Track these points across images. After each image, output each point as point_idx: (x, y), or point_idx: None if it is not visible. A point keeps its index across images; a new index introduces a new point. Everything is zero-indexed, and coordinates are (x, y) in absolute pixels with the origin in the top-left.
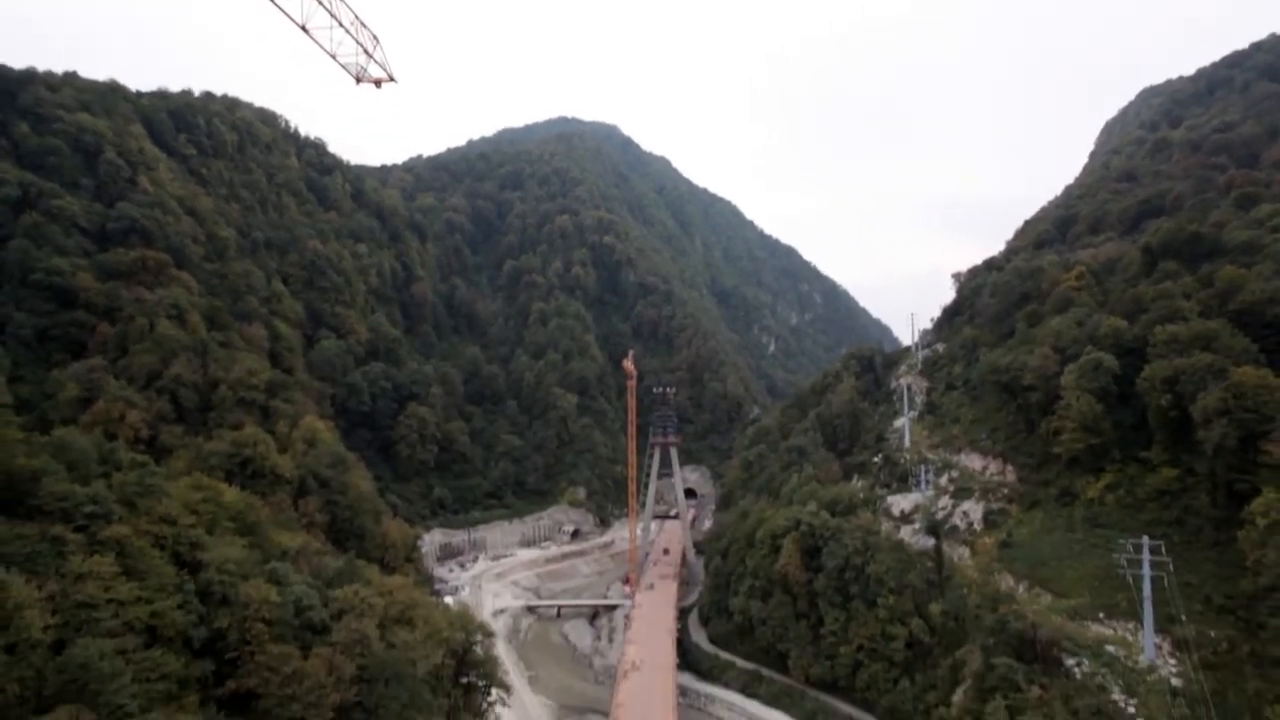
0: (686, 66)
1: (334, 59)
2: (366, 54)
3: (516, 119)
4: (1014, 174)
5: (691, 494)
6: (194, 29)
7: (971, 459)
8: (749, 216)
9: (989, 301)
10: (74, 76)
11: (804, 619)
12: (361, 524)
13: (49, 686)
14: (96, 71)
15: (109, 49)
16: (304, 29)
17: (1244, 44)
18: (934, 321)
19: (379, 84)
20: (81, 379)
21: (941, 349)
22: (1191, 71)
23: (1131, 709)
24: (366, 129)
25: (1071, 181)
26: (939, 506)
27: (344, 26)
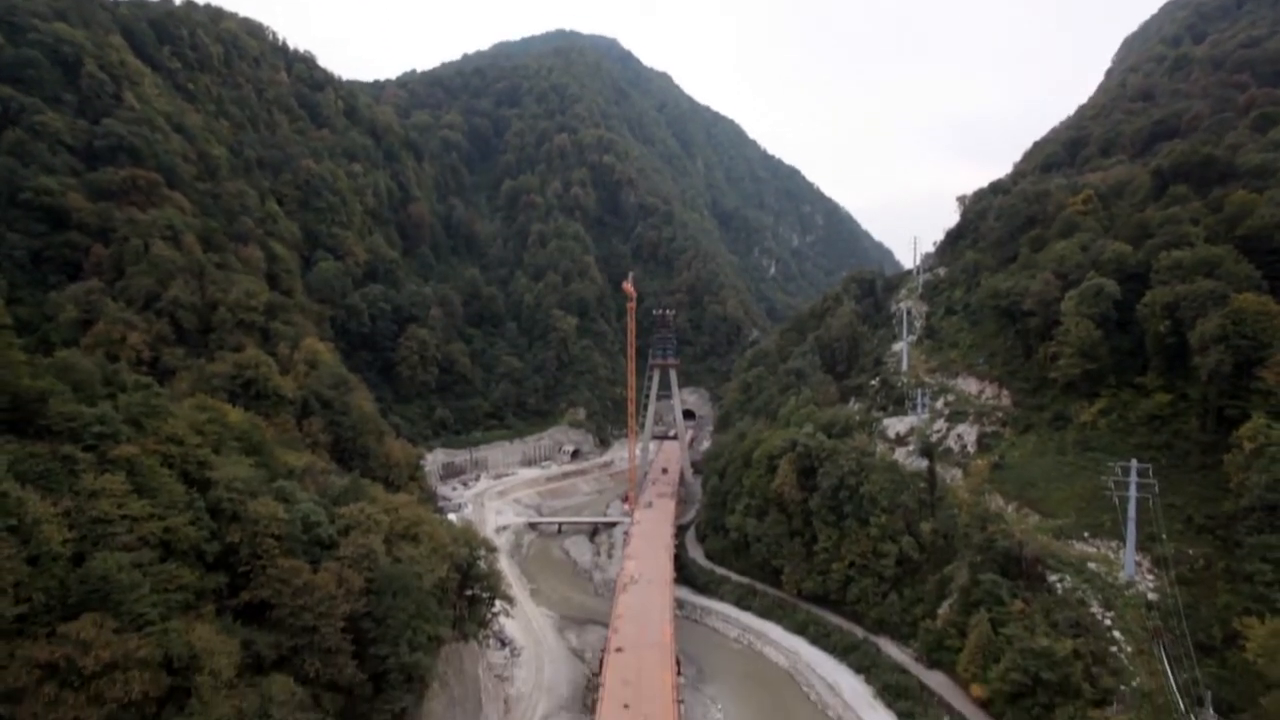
0: None
1: None
2: None
3: (513, 31)
4: (1028, 93)
5: (690, 415)
6: None
7: (968, 383)
8: (752, 136)
9: (993, 225)
10: None
11: (798, 536)
12: (365, 444)
13: (73, 596)
14: None
15: None
16: None
17: None
18: (936, 245)
19: None
20: (80, 301)
21: (943, 273)
22: None
23: (1108, 621)
24: (356, 44)
25: (1085, 101)
26: (934, 429)
27: None
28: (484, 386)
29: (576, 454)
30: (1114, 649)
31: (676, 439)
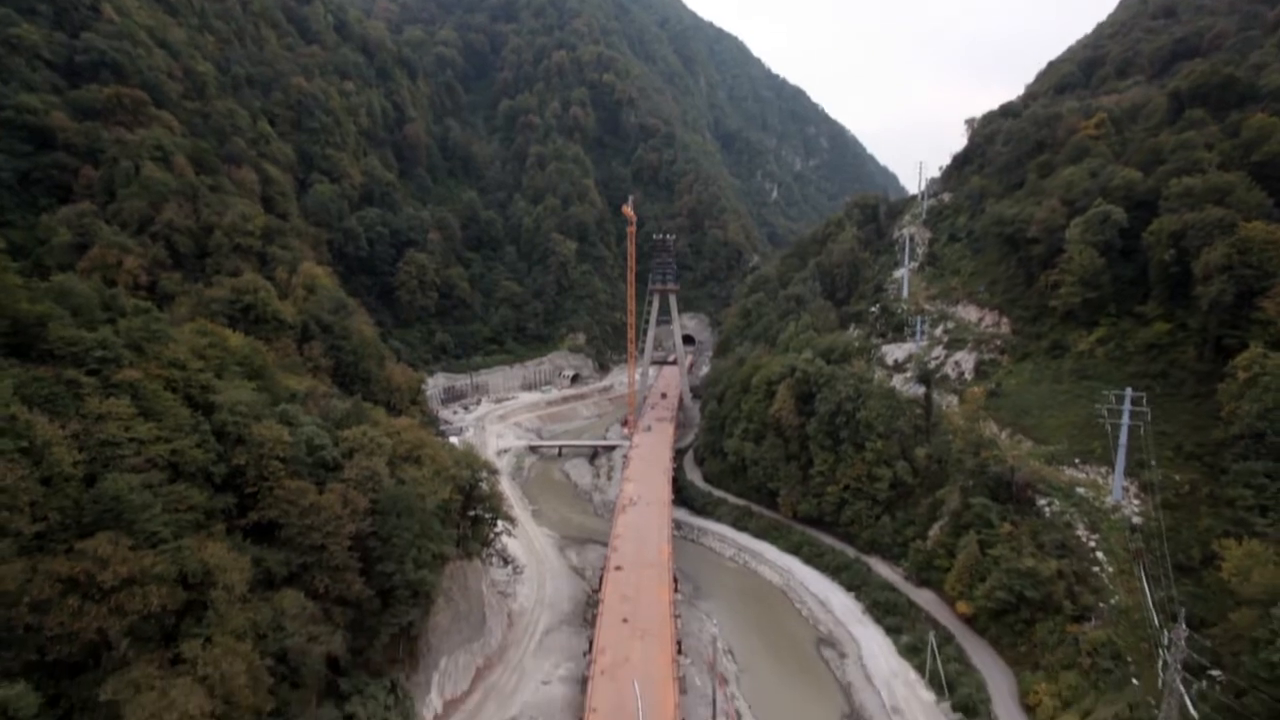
0: None
1: None
2: None
3: None
4: (1044, 11)
5: (689, 340)
6: None
7: (968, 311)
8: (756, 54)
9: (1001, 150)
10: None
11: (794, 460)
12: (366, 368)
13: (87, 515)
14: None
15: None
16: None
17: None
18: (943, 170)
19: None
20: (72, 224)
21: (947, 199)
22: None
23: (1092, 543)
24: None
25: (1104, 18)
26: (932, 356)
27: None
28: (483, 311)
29: (576, 379)
30: (1096, 569)
31: (676, 364)
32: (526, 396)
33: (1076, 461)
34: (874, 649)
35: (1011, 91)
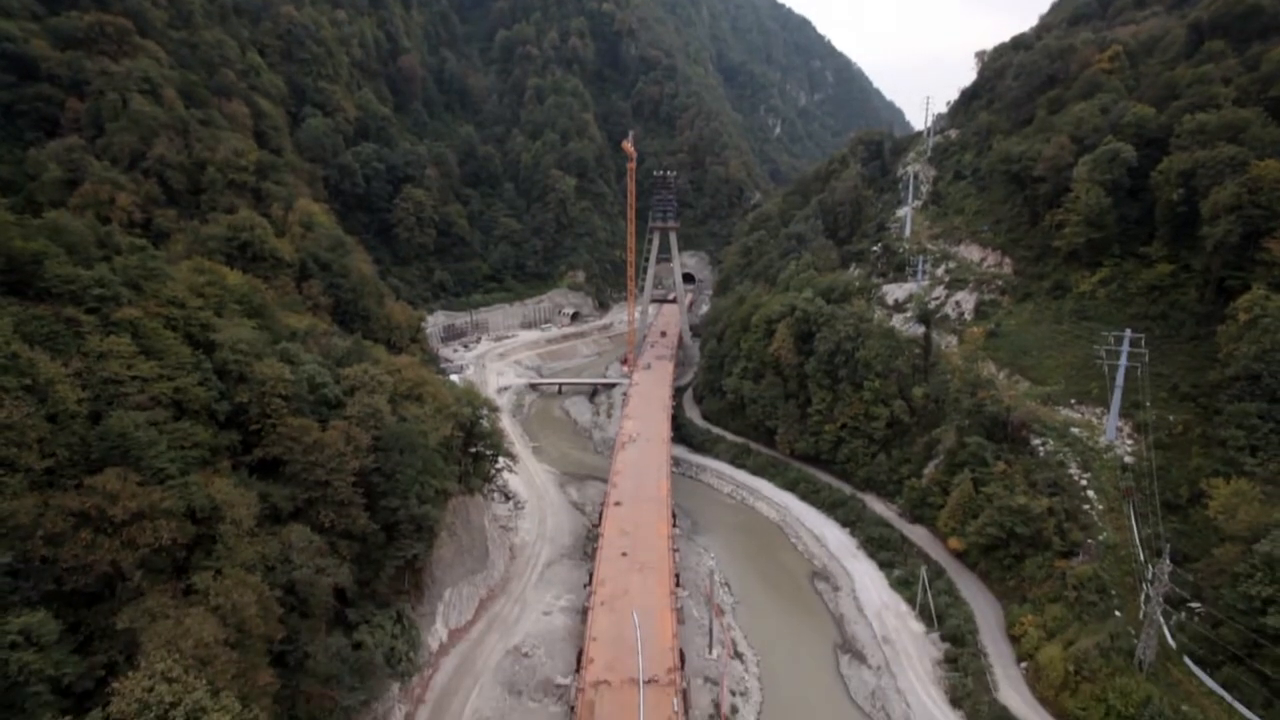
0: None
1: None
2: None
3: None
4: None
5: (689, 278)
6: None
7: (971, 250)
8: None
9: (1011, 84)
10: None
11: (793, 399)
12: (365, 306)
13: (94, 452)
14: None
15: None
16: None
17: None
18: (950, 106)
19: None
20: (62, 159)
21: (954, 135)
22: None
23: (1084, 481)
24: None
25: None
26: (933, 296)
27: None
28: (482, 249)
29: (576, 316)
30: (1086, 507)
31: (676, 302)
32: (526, 335)
33: (1073, 402)
34: (867, 582)
35: (1026, 22)
